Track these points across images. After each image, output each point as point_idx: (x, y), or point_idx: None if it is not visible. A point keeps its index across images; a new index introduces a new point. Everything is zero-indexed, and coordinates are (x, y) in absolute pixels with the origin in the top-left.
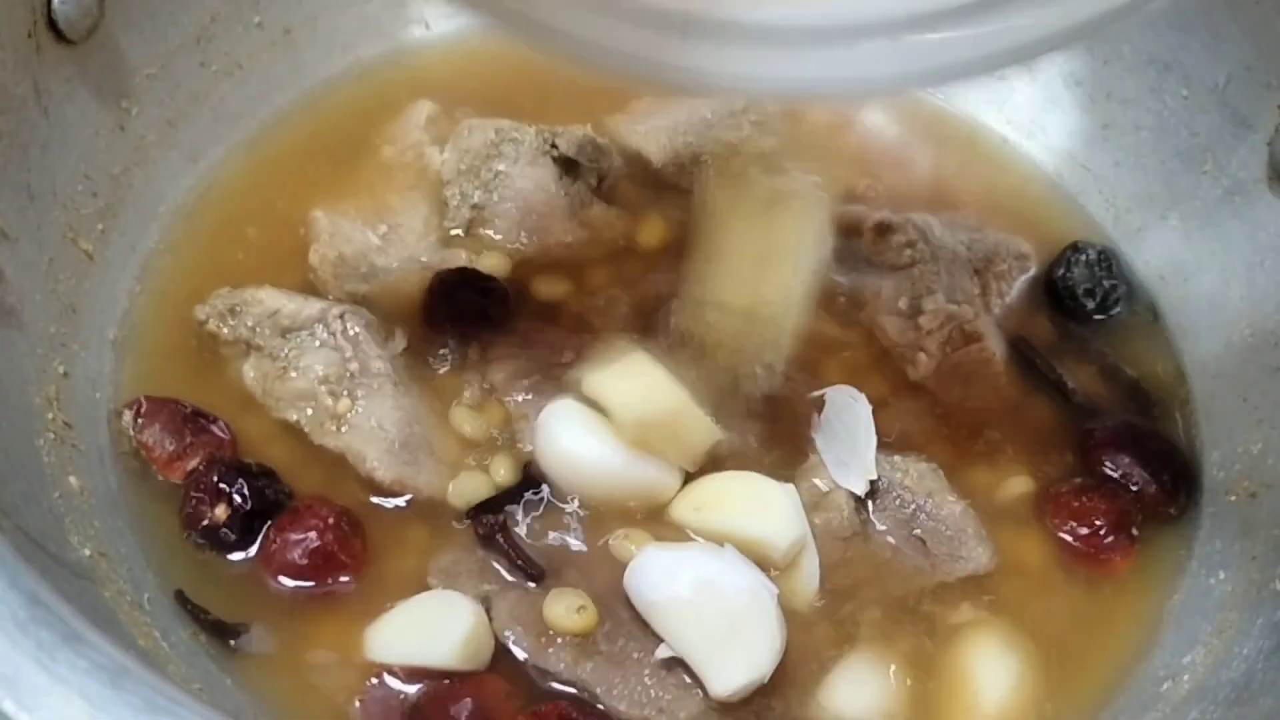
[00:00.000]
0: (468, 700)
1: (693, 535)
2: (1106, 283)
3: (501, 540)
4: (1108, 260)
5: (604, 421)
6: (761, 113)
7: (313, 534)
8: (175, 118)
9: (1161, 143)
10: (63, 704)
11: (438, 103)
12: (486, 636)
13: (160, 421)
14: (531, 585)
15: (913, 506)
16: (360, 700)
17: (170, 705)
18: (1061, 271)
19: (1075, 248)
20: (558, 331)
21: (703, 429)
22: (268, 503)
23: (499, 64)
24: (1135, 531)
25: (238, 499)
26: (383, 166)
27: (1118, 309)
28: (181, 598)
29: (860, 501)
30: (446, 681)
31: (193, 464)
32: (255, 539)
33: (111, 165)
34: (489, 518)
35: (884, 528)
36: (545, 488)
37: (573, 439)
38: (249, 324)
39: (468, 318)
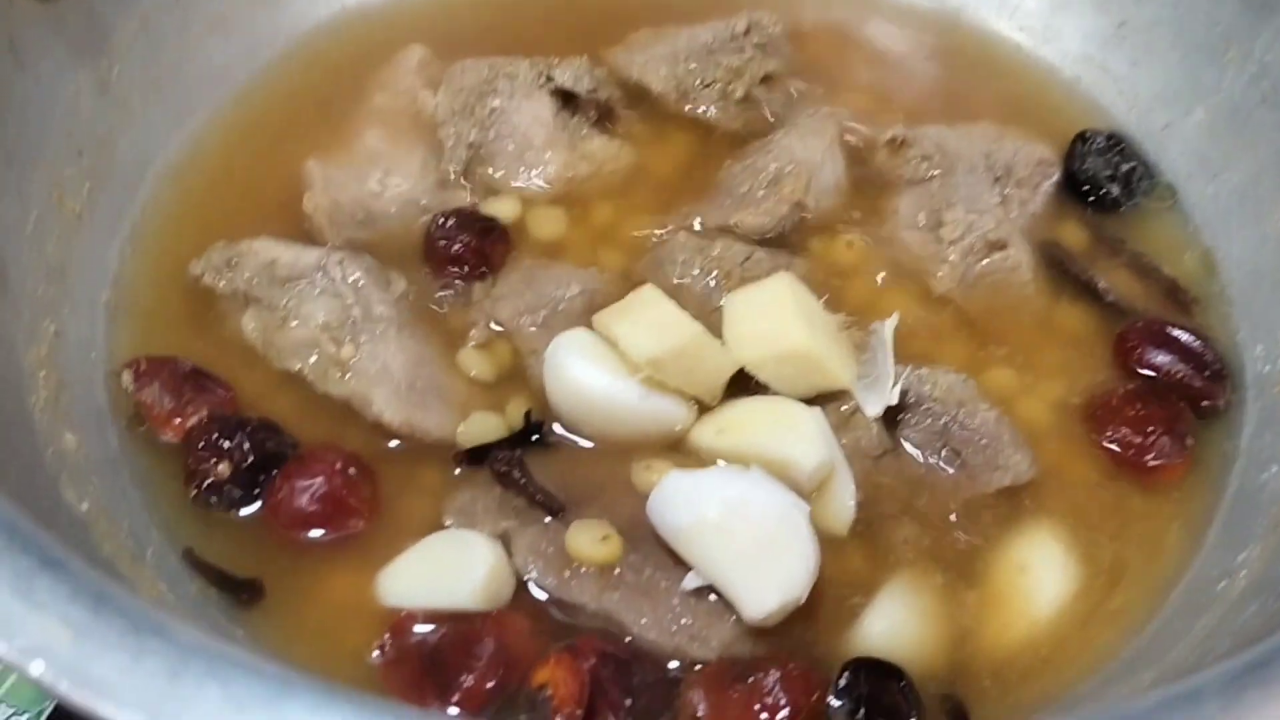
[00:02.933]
0: (489, 641)
1: (715, 461)
2: (1124, 165)
3: (518, 476)
4: (1117, 142)
5: (614, 352)
6: (764, 35)
7: (320, 479)
8: (160, 76)
9: (1180, 36)
10: (42, 631)
11: (429, 46)
12: (507, 574)
13: (160, 380)
14: (551, 520)
15: (944, 419)
16: (379, 648)
17: (156, 626)
18: (1077, 164)
19: (1083, 138)
20: (563, 267)
21: (720, 359)
22: (270, 455)
23: (489, 3)
24: (1190, 441)
25: (239, 454)
26: (376, 113)
27: (1143, 186)
28: (191, 556)
29: (889, 418)
30: (466, 623)
31: (193, 422)
32: (260, 492)
33: (96, 125)
34: (504, 452)
35: (915, 443)
36: (555, 429)
37: (582, 372)
38: (246, 276)
39: (470, 258)
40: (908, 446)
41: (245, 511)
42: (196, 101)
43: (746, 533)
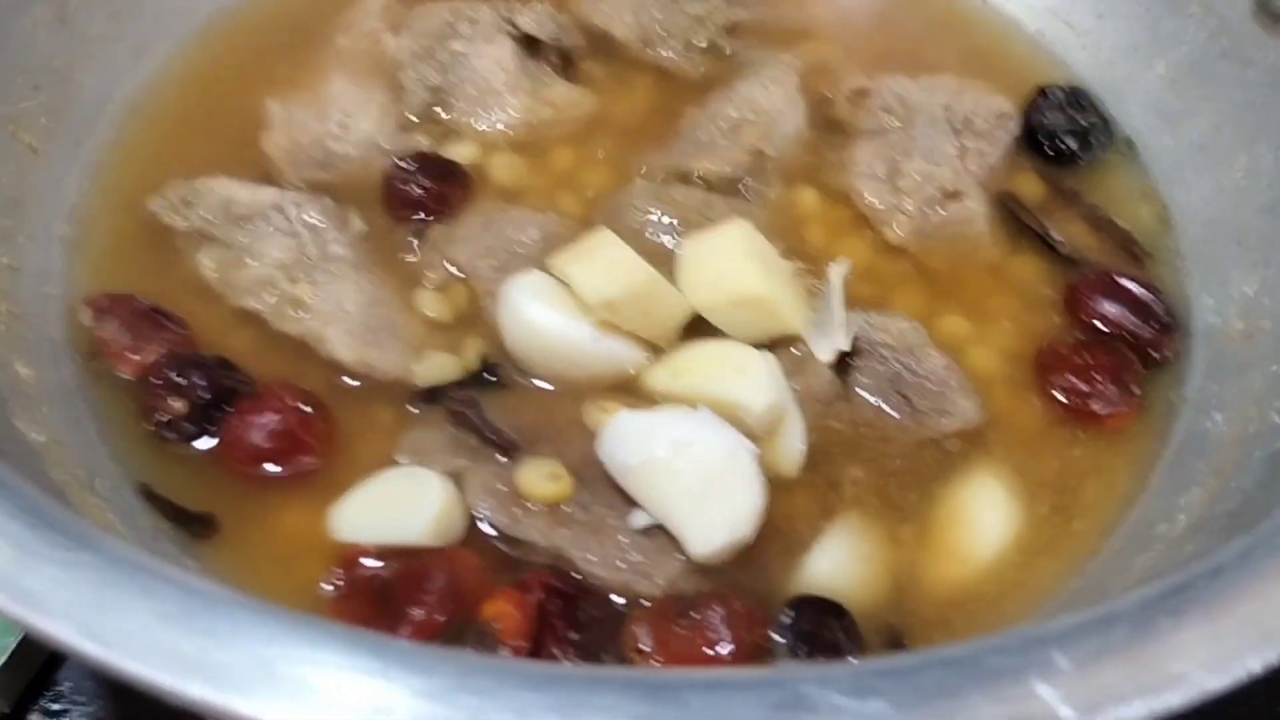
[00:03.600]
0: (440, 575)
1: (667, 402)
2: (1083, 120)
3: (472, 416)
4: (1077, 97)
5: (570, 294)
6: None
7: (274, 415)
8: (119, 10)
9: None
10: None
11: None
12: (458, 511)
13: (118, 317)
14: (504, 459)
15: (895, 364)
16: (331, 582)
17: (89, 540)
18: (1037, 118)
19: (1043, 93)
20: (522, 211)
21: (675, 303)
22: (226, 392)
23: None
24: (1136, 390)
25: (196, 391)
26: (338, 55)
27: (1100, 142)
28: (146, 491)
29: (841, 364)
30: (417, 559)
31: (150, 359)
32: (216, 428)
33: (53, 59)
34: (459, 392)
35: (866, 388)
36: (510, 370)
37: (537, 313)
38: (203, 213)
39: (429, 201)
40: (859, 391)
41: (201, 447)
42: (157, 36)
43: (694, 471)
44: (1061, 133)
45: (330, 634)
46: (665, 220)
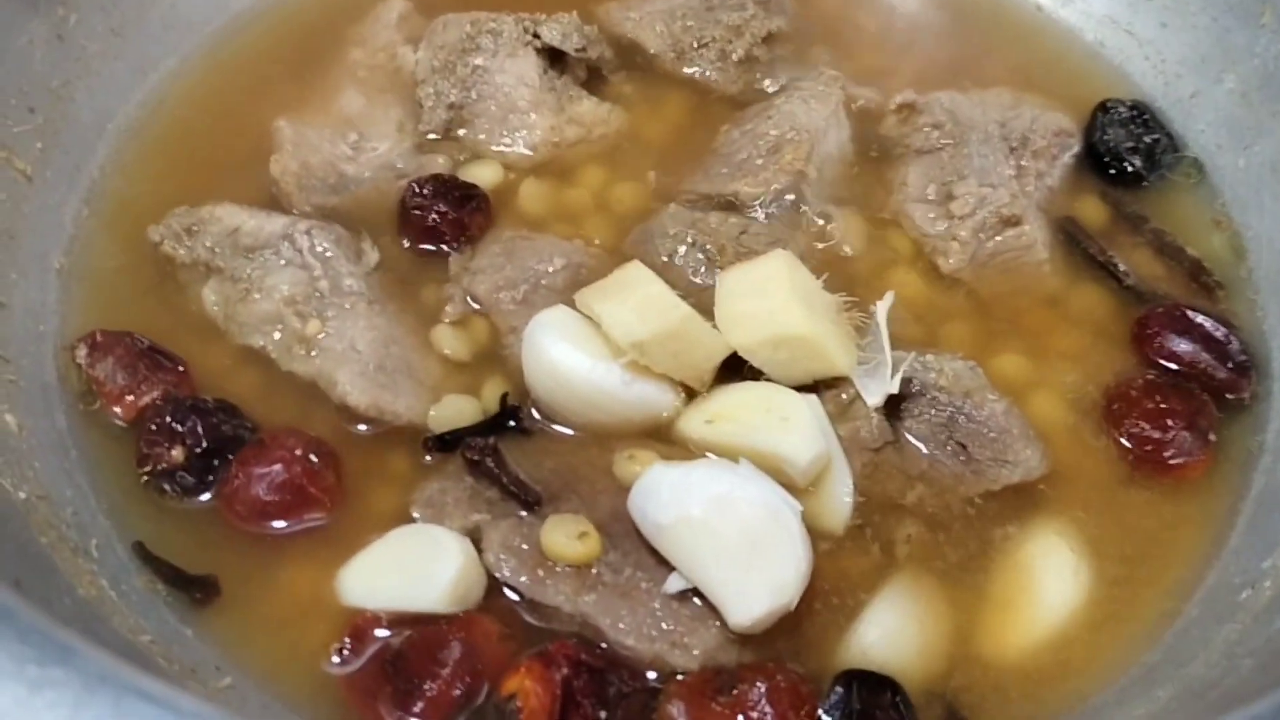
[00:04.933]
0: (456, 645)
1: (703, 453)
2: (1147, 138)
3: (492, 465)
4: (1142, 113)
5: (598, 332)
6: None
7: (279, 467)
8: (120, 26)
9: None
10: None
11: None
12: (476, 574)
13: (114, 356)
14: (526, 514)
15: (949, 409)
16: (337, 651)
17: (61, 653)
18: (1098, 135)
19: (1104, 108)
20: (546, 239)
21: (711, 343)
22: (227, 440)
23: None
24: (1212, 436)
25: (193, 439)
26: (352, 70)
27: (1166, 160)
28: (142, 551)
29: (891, 407)
30: (432, 626)
31: (146, 401)
32: (216, 479)
33: (49, 78)
34: (478, 439)
35: (918, 435)
36: (533, 413)
37: (562, 354)
38: (207, 244)
39: (447, 229)
40: (910, 438)
41: (200, 500)
42: (160, 54)
43: (734, 532)
44: (1125, 151)
45: None
46: (700, 250)
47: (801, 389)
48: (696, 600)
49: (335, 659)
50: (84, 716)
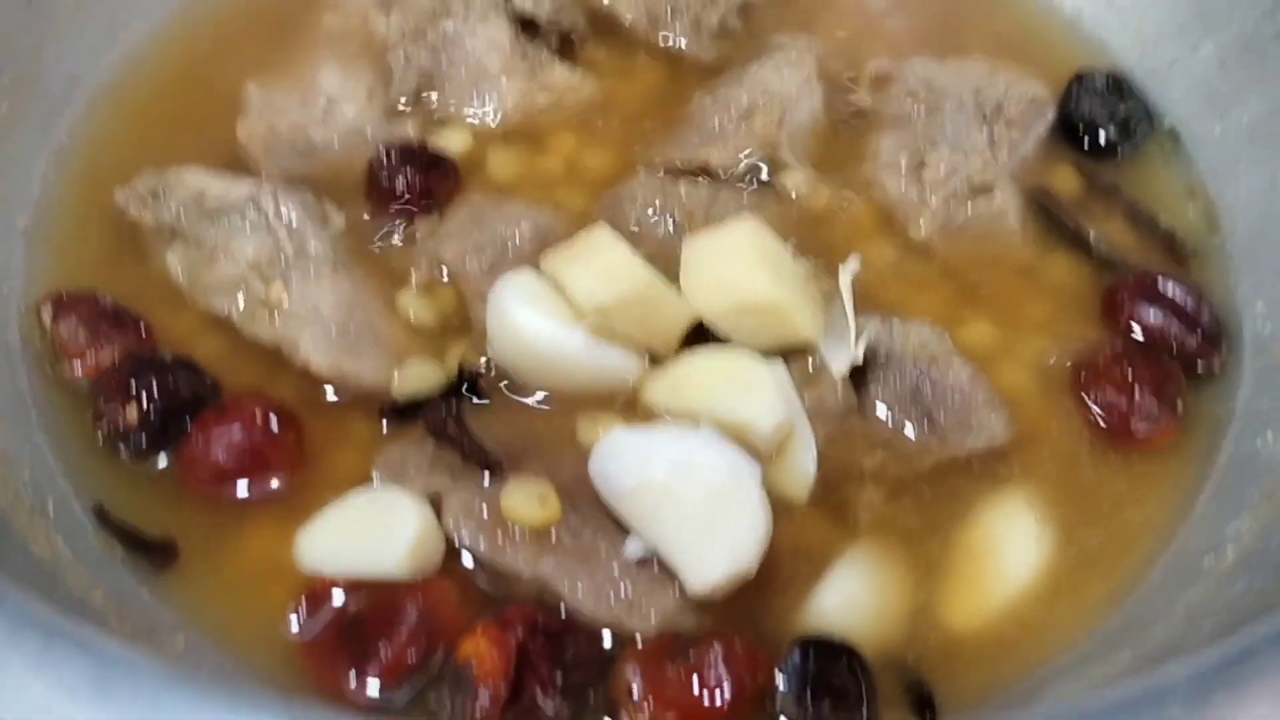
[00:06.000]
0: (412, 609)
1: (667, 419)
2: (1122, 107)
3: (454, 430)
4: (1118, 84)
5: (564, 298)
6: None
7: (237, 427)
8: None
9: None
10: None
11: None
12: (436, 540)
13: (78, 314)
14: (487, 478)
15: (915, 375)
16: (295, 614)
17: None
18: (1073, 105)
19: (1079, 78)
20: (515, 205)
21: (675, 308)
22: (185, 400)
23: None
24: (1180, 404)
25: (148, 397)
26: (324, 35)
27: (1142, 130)
28: (101, 514)
29: (857, 374)
30: (389, 591)
31: (106, 359)
32: (172, 442)
33: (18, 38)
34: (441, 404)
35: (884, 401)
36: (495, 379)
37: (526, 319)
38: (173, 207)
39: (415, 194)
40: (876, 404)
41: (157, 461)
42: (132, 15)
43: (694, 496)
44: (1100, 121)
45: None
46: (669, 217)
47: (768, 356)
48: (655, 566)
49: (293, 622)
50: (9, 656)
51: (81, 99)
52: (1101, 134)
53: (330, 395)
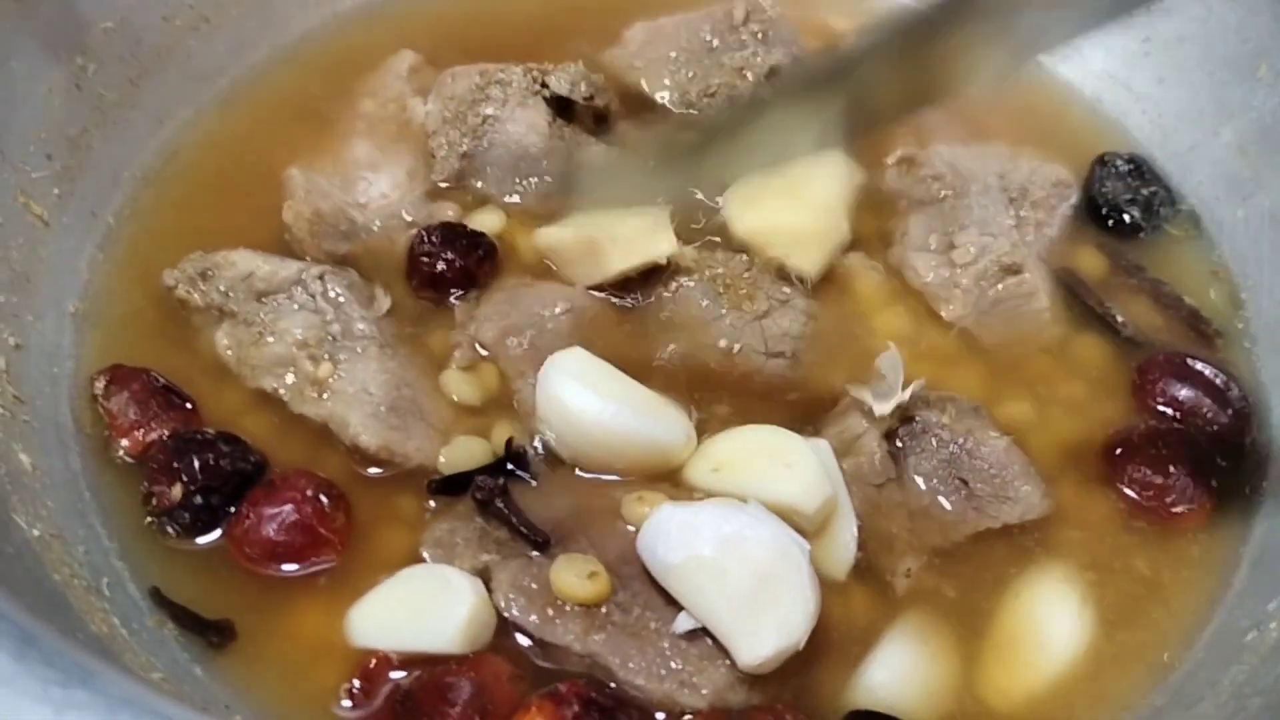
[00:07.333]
0: (466, 685)
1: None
2: (1145, 190)
3: (502, 505)
4: (1139, 166)
5: (613, 374)
6: (763, 20)
7: (289, 507)
8: (138, 76)
9: (1209, 53)
10: None
11: (419, 52)
12: (487, 614)
13: (130, 391)
14: (536, 554)
15: (951, 446)
16: (347, 693)
17: (84, 675)
18: (1096, 187)
19: (1102, 161)
20: (548, 285)
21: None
22: (228, 476)
23: (481, 8)
24: (1213, 482)
25: (189, 476)
26: (363, 121)
27: (1164, 212)
28: (158, 596)
29: (894, 443)
30: (442, 666)
31: (153, 437)
32: (218, 519)
33: (68, 126)
34: (487, 480)
35: (920, 471)
36: (541, 456)
37: (573, 394)
38: (221, 288)
39: (455, 276)
40: (912, 475)
41: (203, 539)
42: (176, 103)
43: (743, 572)
44: (1124, 203)
45: None
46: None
47: (806, 433)
48: (706, 640)
49: (345, 700)
50: None
51: (129, 184)
52: (1125, 215)
53: (373, 471)
